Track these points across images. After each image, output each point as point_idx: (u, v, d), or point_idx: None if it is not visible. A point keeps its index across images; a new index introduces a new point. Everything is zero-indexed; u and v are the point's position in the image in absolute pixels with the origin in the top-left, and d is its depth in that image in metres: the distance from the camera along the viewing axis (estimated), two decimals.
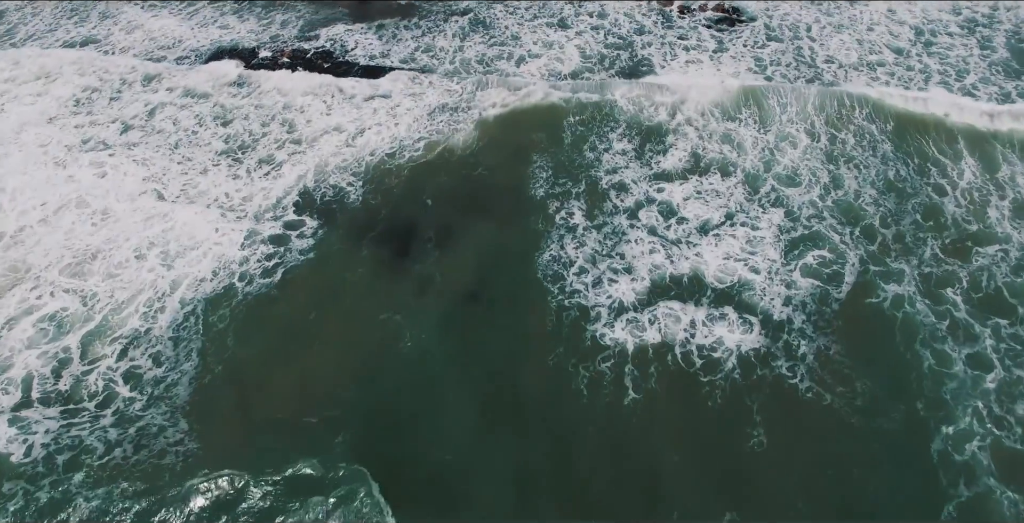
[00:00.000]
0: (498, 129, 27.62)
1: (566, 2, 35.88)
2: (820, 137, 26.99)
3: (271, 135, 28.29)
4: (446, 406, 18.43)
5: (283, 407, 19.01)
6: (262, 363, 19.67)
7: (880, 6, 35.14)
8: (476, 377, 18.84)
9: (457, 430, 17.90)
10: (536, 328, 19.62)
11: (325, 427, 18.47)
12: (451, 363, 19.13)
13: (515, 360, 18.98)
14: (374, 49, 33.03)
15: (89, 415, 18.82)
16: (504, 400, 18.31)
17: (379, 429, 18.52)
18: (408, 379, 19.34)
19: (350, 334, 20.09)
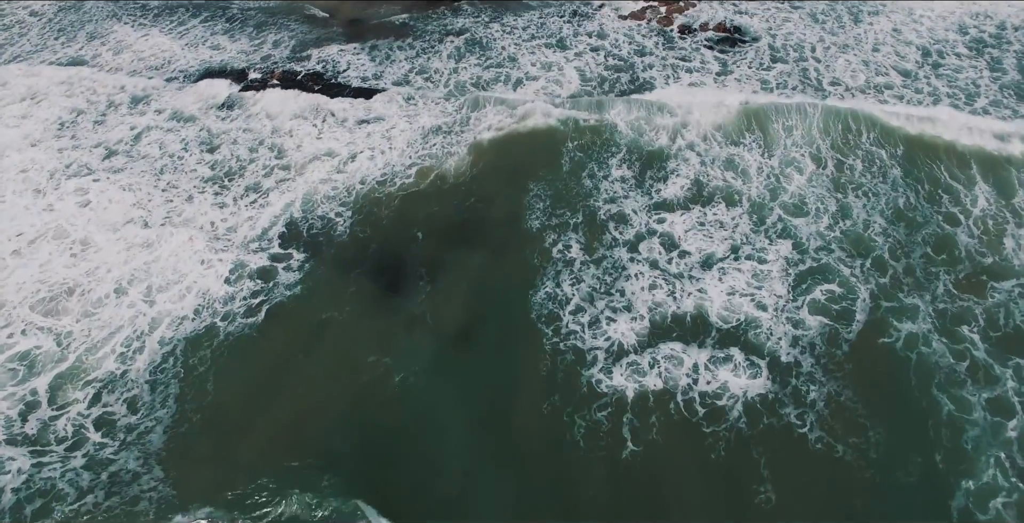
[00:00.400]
0: (493, 154, 26.71)
1: (565, 21, 35.07)
2: (827, 163, 26.05)
3: (259, 161, 27.40)
4: (433, 456, 17.39)
5: (265, 452, 18.01)
6: (243, 408, 18.66)
7: (885, 25, 34.32)
8: (466, 426, 17.80)
9: (444, 482, 16.85)
10: (529, 373, 18.58)
11: (311, 471, 17.45)
12: (440, 411, 18.11)
13: (507, 408, 17.95)
14: (367, 70, 32.18)
15: (58, 456, 17.82)
16: (495, 452, 17.27)
17: (366, 475, 17.50)
18: (396, 425, 18.33)
19: (336, 377, 19.09)
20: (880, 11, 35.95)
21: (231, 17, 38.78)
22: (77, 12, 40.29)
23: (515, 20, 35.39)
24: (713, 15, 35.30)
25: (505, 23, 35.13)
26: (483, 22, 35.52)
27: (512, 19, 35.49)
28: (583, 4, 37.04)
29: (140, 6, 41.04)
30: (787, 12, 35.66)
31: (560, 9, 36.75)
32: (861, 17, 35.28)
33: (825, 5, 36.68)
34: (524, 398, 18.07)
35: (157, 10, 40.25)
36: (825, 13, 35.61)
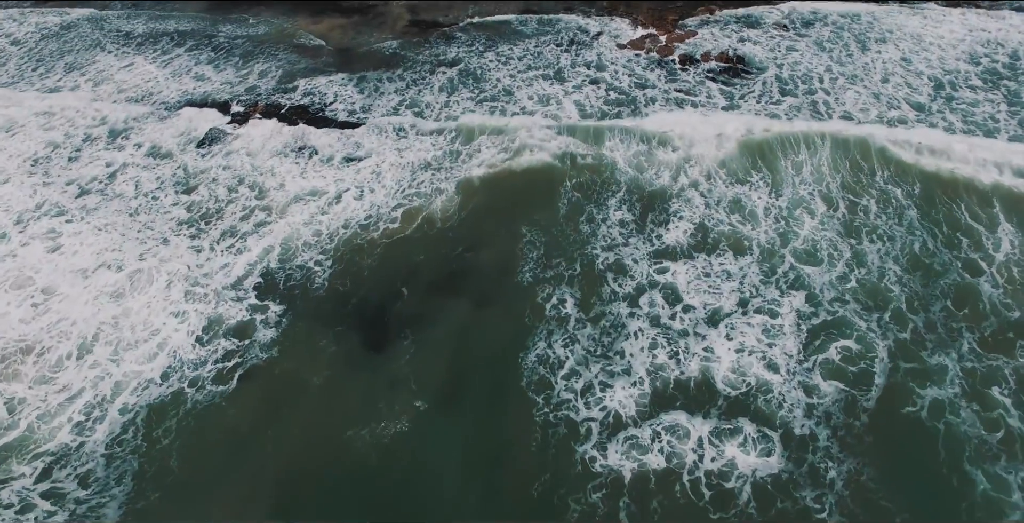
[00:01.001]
0: (485, 194, 25.26)
1: (562, 51, 33.75)
2: (838, 203, 24.55)
3: (238, 201, 25.95)
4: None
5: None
6: (207, 485, 17.01)
7: (894, 54, 32.97)
8: (449, 507, 16.13)
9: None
10: (518, 448, 16.96)
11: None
12: (421, 489, 16.46)
13: (494, 488, 16.30)
14: (354, 103, 30.83)
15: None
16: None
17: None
18: (373, 503, 16.64)
19: (310, 451, 17.47)
20: (887, 38, 34.65)
21: (217, 46, 37.58)
22: (59, 40, 39.13)
23: (510, 49, 34.10)
24: (715, 44, 33.99)
25: (500, 52, 33.84)
26: (477, 51, 34.24)
27: (507, 48, 34.21)
28: (580, 32, 35.80)
29: (124, 34, 39.92)
30: (792, 40, 34.36)
31: (557, 37, 35.50)
32: (868, 45, 33.96)
33: (831, 32, 35.43)
34: (512, 477, 16.43)
35: (141, 38, 39.08)
36: (832, 40, 34.31)
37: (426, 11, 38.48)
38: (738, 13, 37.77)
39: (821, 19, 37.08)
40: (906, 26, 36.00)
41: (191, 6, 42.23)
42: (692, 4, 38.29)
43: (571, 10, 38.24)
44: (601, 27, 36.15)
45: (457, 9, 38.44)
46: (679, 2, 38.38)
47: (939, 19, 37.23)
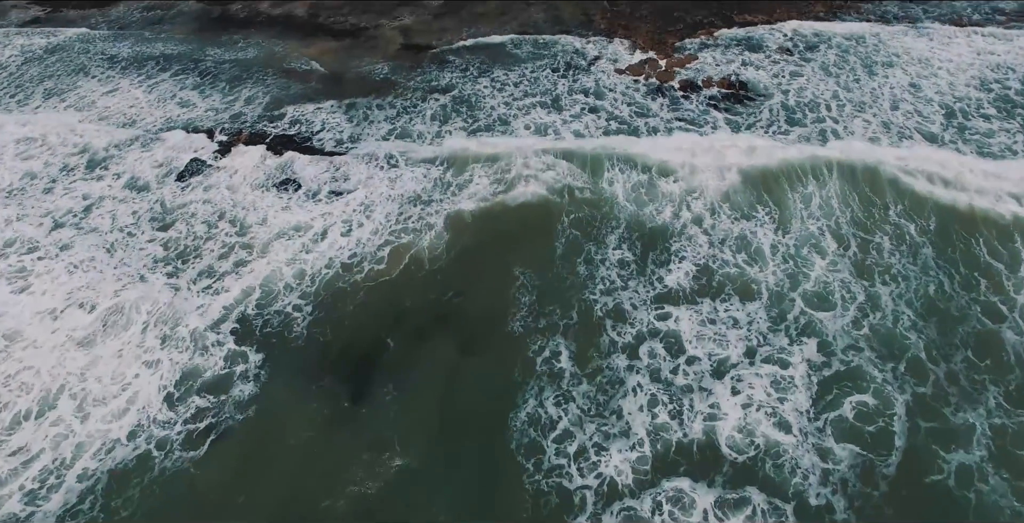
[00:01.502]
0: (476, 231, 23.99)
1: (559, 76, 32.62)
2: (849, 241, 23.27)
3: (218, 238, 24.68)
4: None
5: None
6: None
7: (902, 79, 31.82)
8: None
9: None
10: (507, 520, 15.52)
11: None
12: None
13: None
14: (343, 132, 29.64)
15: None
16: None
17: None
18: None
19: None
20: (894, 62, 33.53)
21: (204, 70, 36.49)
22: (41, 64, 38.05)
23: (505, 74, 32.97)
24: (716, 69, 32.88)
25: (495, 78, 32.70)
26: (471, 77, 33.11)
27: (502, 73, 33.09)
28: (577, 56, 34.70)
29: (110, 57, 38.86)
30: (796, 65, 33.24)
31: (553, 61, 34.39)
32: (875, 69, 32.84)
33: (836, 56, 34.33)
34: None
35: (126, 62, 38.01)
36: (837, 65, 33.19)
37: (419, 34, 37.44)
38: (739, 35, 36.73)
39: (825, 41, 36.02)
40: (913, 49, 34.91)
41: (180, 28, 41.20)
42: (692, 26, 37.24)
43: (567, 32, 37.19)
44: (599, 50, 35.06)
45: (451, 32, 37.41)
46: (679, 25, 37.34)
47: (945, 42, 36.17)
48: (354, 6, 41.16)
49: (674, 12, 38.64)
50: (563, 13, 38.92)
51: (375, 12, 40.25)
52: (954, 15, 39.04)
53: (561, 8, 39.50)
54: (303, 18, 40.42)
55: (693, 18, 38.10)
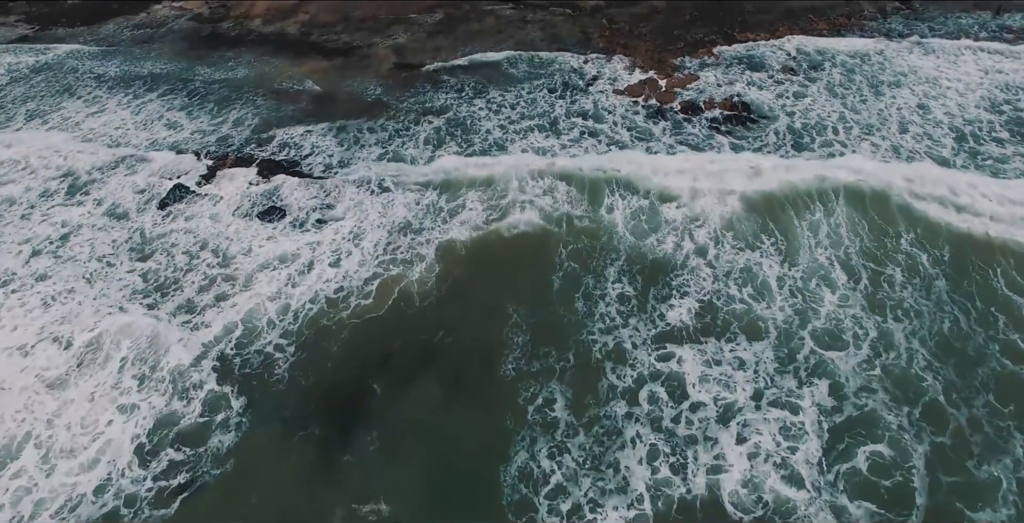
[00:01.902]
0: (468, 263, 22.92)
1: (556, 97, 31.65)
2: (860, 273, 22.20)
3: (199, 268, 23.63)
4: None
5: None
6: None
7: (910, 99, 30.87)
8: None
9: None
10: None
11: None
12: None
13: None
14: (332, 156, 28.62)
15: None
16: None
17: None
18: None
19: None
20: (901, 82, 32.58)
21: (192, 91, 35.54)
22: (26, 84, 37.13)
23: (501, 95, 32.01)
24: (718, 90, 31.92)
25: (491, 99, 31.73)
26: (466, 98, 32.14)
27: (498, 94, 32.12)
28: (574, 75, 33.76)
29: (97, 76, 37.95)
30: (800, 85, 32.28)
31: (551, 80, 33.44)
32: (882, 89, 31.89)
33: (841, 75, 33.39)
34: None
35: (114, 82, 37.10)
36: (843, 85, 32.24)
37: (413, 53, 36.53)
38: (740, 53, 35.81)
39: (829, 59, 35.10)
40: (920, 68, 34.00)
41: (169, 47, 40.32)
42: (692, 45, 36.33)
43: (565, 50, 36.27)
44: (597, 70, 34.13)
45: (445, 51, 36.50)
46: (679, 43, 36.43)
47: (952, 60, 35.26)
48: (347, 24, 40.31)
49: (674, 30, 37.76)
50: (560, 31, 38.04)
51: (368, 30, 39.38)
52: (960, 33, 38.19)
53: (559, 26, 38.63)
54: (295, 36, 39.56)
55: (693, 36, 37.20)
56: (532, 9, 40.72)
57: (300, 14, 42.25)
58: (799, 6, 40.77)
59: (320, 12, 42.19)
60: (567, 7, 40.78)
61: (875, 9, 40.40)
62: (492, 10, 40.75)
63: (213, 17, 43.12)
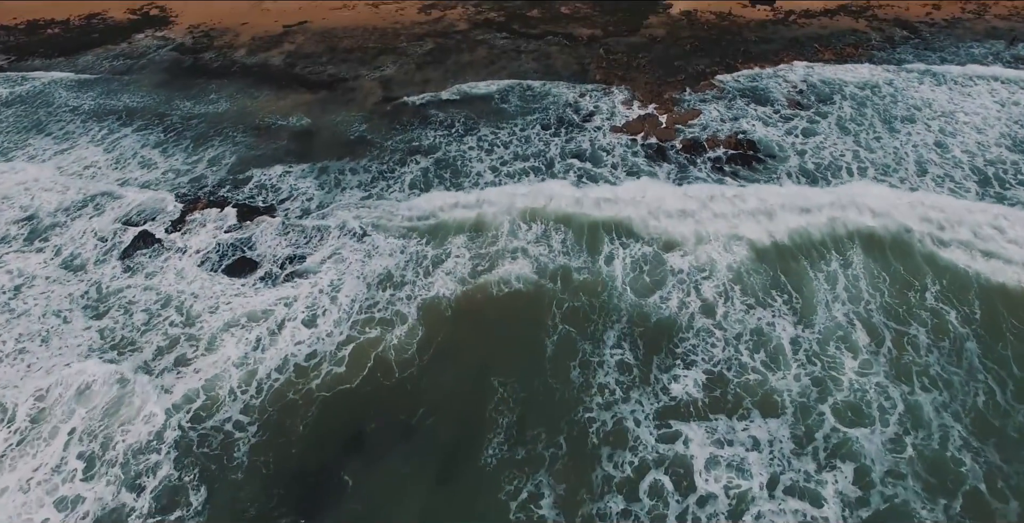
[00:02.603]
0: (454, 324, 20.97)
1: (550, 135, 29.87)
2: (883, 333, 20.24)
3: (160, 328, 21.67)
4: None
5: None
6: None
7: (926, 137, 29.10)
8: None
9: None
10: None
11: None
12: None
13: None
14: (311, 200, 26.76)
15: None
16: None
17: None
18: None
19: None
20: (916, 116, 30.86)
21: (169, 126, 33.80)
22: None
23: (493, 133, 30.24)
24: (722, 126, 30.16)
25: (482, 137, 29.95)
26: (456, 135, 30.37)
27: (489, 131, 30.36)
28: (570, 109, 32.02)
29: (72, 109, 36.27)
30: (809, 120, 30.53)
31: (545, 115, 31.70)
32: (896, 125, 30.14)
33: (852, 109, 31.67)
34: None
35: (87, 115, 35.42)
36: (855, 120, 30.50)
37: (400, 86, 34.86)
38: (744, 85, 34.12)
39: (838, 91, 33.42)
40: (934, 101, 32.31)
41: (149, 79, 38.67)
42: (694, 77, 34.64)
43: (560, 81, 34.57)
44: (593, 104, 32.41)
45: (435, 83, 34.82)
46: (679, 75, 34.76)
47: (966, 91, 33.61)
48: (334, 55, 38.72)
49: (674, 61, 36.13)
50: (555, 62, 36.41)
51: (355, 61, 37.77)
52: (972, 62, 36.57)
53: (553, 56, 37.01)
54: (279, 68, 37.93)
55: (694, 67, 35.55)
56: (526, 39, 39.16)
57: (286, 44, 40.68)
58: (804, 35, 39.25)
59: (306, 42, 40.64)
60: (563, 37, 39.22)
61: (883, 38, 38.86)
62: (484, 40, 39.19)
63: (196, 47, 41.55)
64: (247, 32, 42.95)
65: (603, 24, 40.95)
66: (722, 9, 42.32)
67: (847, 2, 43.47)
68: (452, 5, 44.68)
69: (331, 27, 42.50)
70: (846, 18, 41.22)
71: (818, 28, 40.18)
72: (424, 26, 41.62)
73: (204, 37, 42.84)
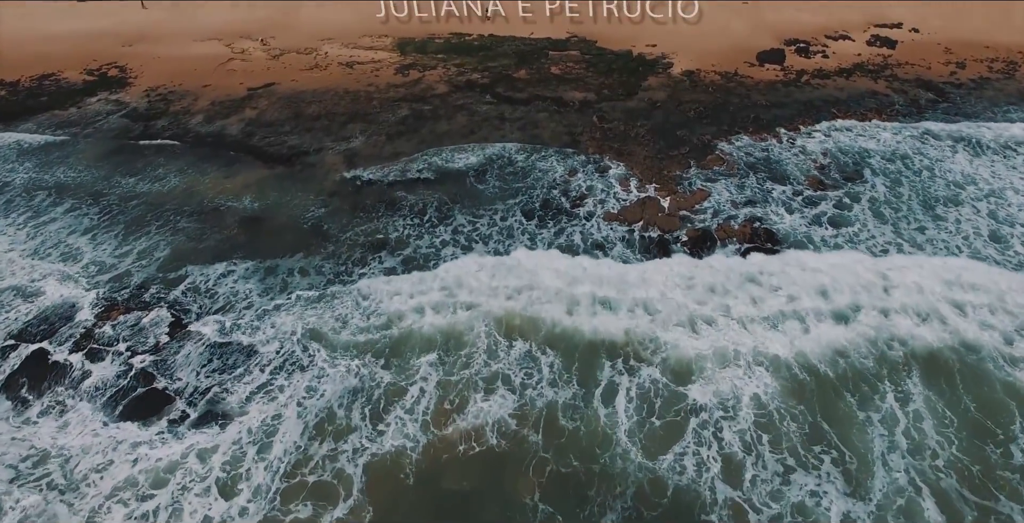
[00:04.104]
0: (408, 500, 16.15)
1: (534, 224, 25.54)
2: (962, 511, 15.63)
3: (29, 499, 16.75)
4: None
5: None
6: None
7: (977, 222, 24.82)
8: None
9: None
10: None
11: None
12: None
13: None
14: (251, 308, 22.32)
15: None
16: None
17: None
18: None
19: None
20: (960, 197, 26.68)
21: (105, 207, 29.53)
22: None
23: (471, 221, 25.99)
24: (735, 210, 25.90)
25: (457, 228, 25.63)
26: (428, 224, 26.07)
27: (467, 219, 26.10)
28: (557, 191, 27.80)
29: None
30: (836, 203, 26.29)
31: (529, 198, 27.50)
32: (938, 208, 25.95)
33: (884, 187, 27.57)
34: None
35: (14, 192, 31.18)
36: (890, 203, 26.31)
37: (367, 160, 30.73)
38: (757, 158, 30.03)
39: (864, 164, 29.43)
40: (976, 176, 28.24)
41: (92, 149, 34.54)
42: (699, 149, 30.55)
43: (547, 156, 30.44)
44: (585, 184, 28.22)
45: (406, 157, 30.71)
46: (683, 147, 30.68)
47: (1010, 163, 29.52)
48: (298, 122, 34.74)
49: (676, 130, 32.11)
50: (543, 131, 32.38)
51: (321, 130, 33.76)
52: (1006, 122, 32.64)
53: (541, 125, 33.00)
54: (235, 137, 33.88)
55: (699, 137, 31.51)
56: (511, 104, 35.25)
57: (247, 110, 36.76)
58: (819, 98, 35.42)
59: (270, 107, 36.72)
60: (552, 102, 35.32)
61: (907, 101, 35.02)
62: (465, 105, 35.28)
63: (150, 113, 37.62)
64: (208, 95, 39.09)
65: (597, 86, 37.13)
66: (727, 68, 38.60)
67: (862, 61, 39.79)
68: (432, 65, 40.95)
69: (299, 90, 38.66)
70: (863, 79, 37.47)
71: (834, 90, 36.38)
72: (400, 89, 37.78)
73: (161, 101, 38.95)
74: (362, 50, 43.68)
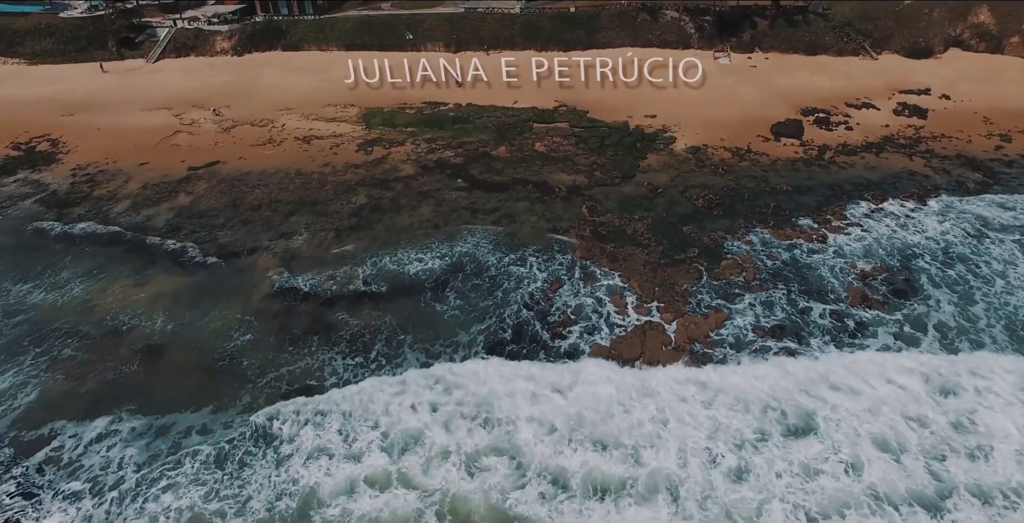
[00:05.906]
0: None
1: (504, 363, 19.78)
2: None
3: None
4: None
5: None
6: None
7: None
8: None
9: None
10: None
11: None
12: None
13: None
14: (127, 487, 16.84)
15: None
16: None
17: None
18: None
19: None
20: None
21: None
22: None
23: (426, 357, 20.21)
24: (762, 341, 20.18)
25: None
26: (373, 362, 20.39)
27: (420, 354, 20.38)
28: (533, 312, 22.20)
29: None
30: (897, 335, 20.55)
31: (500, 323, 22.38)
32: None
33: (953, 307, 22.05)
34: None
35: None
36: (966, 331, 20.53)
37: (307, 264, 25.34)
38: (784, 261, 24.62)
39: (914, 264, 24.02)
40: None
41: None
42: (711, 252, 25.07)
43: (523, 259, 24.86)
44: (571, 302, 22.55)
45: (354, 260, 25.36)
46: (691, 249, 25.22)
47: None
48: (235, 213, 29.49)
49: (682, 225, 26.75)
50: (522, 227, 26.99)
51: (259, 223, 28.44)
52: None
53: (519, 218, 27.62)
54: (159, 231, 28.59)
55: (711, 235, 26.09)
56: (486, 190, 30.00)
57: (181, 195, 31.57)
58: (847, 179, 30.31)
59: (208, 192, 31.53)
60: (534, 187, 30.03)
61: (951, 182, 29.97)
62: (432, 191, 30.06)
63: (69, 198, 32.41)
64: (142, 176, 33.92)
65: (588, 166, 31.95)
66: (738, 143, 33.50)
67: (891, 133, 34.72)
68: (400, 140, 35.84)
69: (245, 171, 33.52)
70: (897, 155, 32.37)
71: (863, 169, 31.25)
72: (359, 170, 32.61)
73: (86, 183, 33.78)
74: (323, 122, 38.68)
